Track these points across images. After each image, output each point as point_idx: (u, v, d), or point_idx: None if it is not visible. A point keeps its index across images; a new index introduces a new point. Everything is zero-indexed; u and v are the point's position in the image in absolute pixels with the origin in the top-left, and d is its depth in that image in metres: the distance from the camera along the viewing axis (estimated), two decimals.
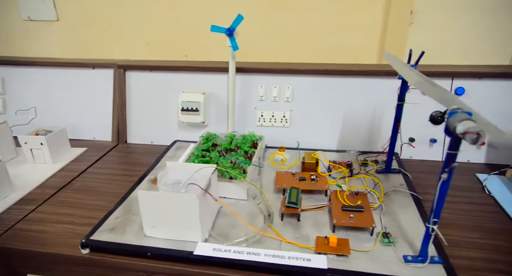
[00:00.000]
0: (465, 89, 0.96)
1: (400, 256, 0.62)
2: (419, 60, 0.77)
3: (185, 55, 1.41)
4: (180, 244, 0.66)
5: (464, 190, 0.86)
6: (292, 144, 1.06)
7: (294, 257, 0.62)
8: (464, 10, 0.98)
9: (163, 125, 1.15)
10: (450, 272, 0.58)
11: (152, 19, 1.31)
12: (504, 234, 0.70)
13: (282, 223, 0.72)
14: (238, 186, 0.79)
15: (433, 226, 0.56)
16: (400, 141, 0.90)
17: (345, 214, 0.71)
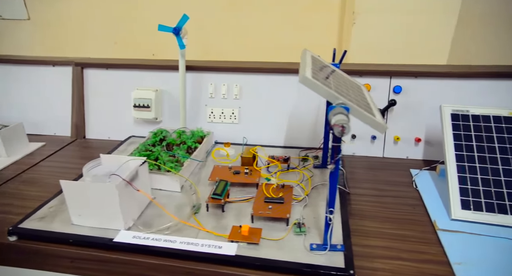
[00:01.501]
0: (402, 87, 1.00)
1: (307, 244, 0.66)
2: (342, 59, 0.81)
3: (153, 54, 1.45)
4: (103, 231, 0.69)
5: (394, 185, 0.90)
6: (241, 140, 1.09)
7: (207, 245, 0.66)
8: (403, 11, 1.01)
9: (119, 121, 1.19)
10: (348, 259, 0.61)
11: (120, 19, 1.34)
12: (415, 225, 0.74)
13: (208, 214, 0.76)
14: (172, 179, 0.83)
15: (330, 215, 0.60)
16: None
17: (265, 205, 0.74)
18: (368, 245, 0.69)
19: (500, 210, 0.72)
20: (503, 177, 0.75)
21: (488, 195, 0.74)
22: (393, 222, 0.75)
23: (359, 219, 0.77)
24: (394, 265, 0.63)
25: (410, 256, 0.65)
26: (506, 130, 0.81)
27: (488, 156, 0.79)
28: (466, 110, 0.85)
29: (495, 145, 0.80)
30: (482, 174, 0.77)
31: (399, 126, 1.02)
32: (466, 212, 0.73)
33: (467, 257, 0.63)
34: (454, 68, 1.01)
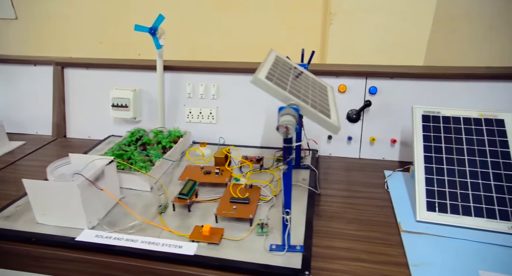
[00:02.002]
0: (377, 88, 0.99)
1: (268, 245, 0.66)
2: (311, 60, 0.81)
3: (138, 54, 1.45)
4: (67, 230, 0.70)
5: (366, 186, 0.90)
6: (221, 140, 1.09)
7: (167, 244, 0.66)
8: (378, 12, 1.01)
9: (99, 120, 1.19)
10: (305, 259, 0.61)
11: (105, 19, 1.35)
12: (381, 227, 0.73)
13: (174, 213, 0.76)
14: (141, 178, 0.83)
15: (286, 216, 0.60)
16: (305, 138, 0.94)
17: (230, 205, 0.74)
18: (330, 246, 0.69)
19: (465, 212, 0.72)
20: (469, 179, 0.75)
21: (453, 197, 0.74)
22: (359, 224, 0.75)
23: (325, 220, 0.77)
24: (352, 266, 0.63)
25: (370, 257, 0.65)
26: (475, 131, 0.81)
27: (456, 158, 0.78)
28: (437, 111, 0.85)
29: (463, 147, 0.79)
30: (449, 176, 0.76)
31: (375, 127, 1.02)
32: (431, 214, 0.73)
33: (427, 259, 0.63)
34: (429, 69, 1.01)
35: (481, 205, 0.72)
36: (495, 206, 0.71)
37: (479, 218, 0.70)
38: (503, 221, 0.69)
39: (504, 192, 0.72)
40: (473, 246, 0.66)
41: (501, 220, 0.69)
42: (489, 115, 0.82)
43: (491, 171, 0.75)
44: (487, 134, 0.80)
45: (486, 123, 0.81)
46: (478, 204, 0.72)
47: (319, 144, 1.05)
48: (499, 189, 0.73)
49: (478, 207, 0.72)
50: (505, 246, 0.66)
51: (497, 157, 0.77)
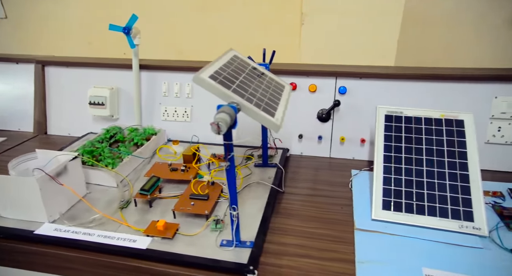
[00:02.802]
0: (347, 88, 1.00)
1: (220, 241, 0.67)
2: (272, 59, 0.82)
3: (124, 53, 1.47)
4: (28, 224, 0.72)
5: (332, 185, 0.90)
6: (194, 138, 1.11)
7: (122, 238, 0.67)
8: (348, 13, 1.02)
9: (79, 118, 1.21)
10: (253, 255, 0.63)
11: (94, 19, 1.37)
12: (337, 225, 0.74)
13: (136, 209, 0.78)
14: (107, 174, 0.85)
15: (234, 212, 0.61)
16: (271, 137, 0.95)
17: (188, 201, 0.76)
18: (283, 242, 0.70)
19: (419, 211, 0.72)
20: (426, 179, 0.76)
21: (409, 196, 0.74)
22: (317, 221, 0.76)
23: (283, 217, 0.78)
24: (300, 262, 0.64)
25: (320, 254, 0.66)
26: (435, 132, 0.81)
27: (415, 158, 0.79)
28: (400, 111, 0.85)
29: (422, 147, 0.80)
30: (406, 175, 0.77)
31: (345, 127, 1.03)
32: (386, 213, 0.74)
33: (374, 256, 0.64)
34: (398, 70, 1.02)
35: (435, 204, 0.72)
36: (448, 205, 0.72)
37: (432, 217, 0.71)
38: (454, 220, 0.70)
39: (458, 192, 0.73)
40: (422, 244, 0.67)
41: (452, 219, 0.70)
42: (450, 115, 0.82)
43: (447, 171, 0.76)
44: (447, 134, 0.80)
45: (446, 124, 0.82)
46: (432, 203, 0.73)
47: (290, 143, 1.06)
48: (453, 188, 0.74)
49: (432, 206, 0.72)
50: (453, 244, 0.66)
51: (454, 157, 0.77)
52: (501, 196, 0.80)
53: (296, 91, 1.04)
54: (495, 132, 0.91)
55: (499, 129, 0.91)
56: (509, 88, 0.91)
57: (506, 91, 0.90)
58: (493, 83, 0.91)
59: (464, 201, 0.72)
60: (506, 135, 0.91)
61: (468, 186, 0.73)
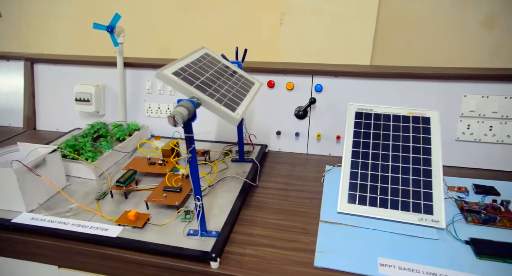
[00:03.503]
0: (323, 86, 1.03)
1: (188, 230, 0.71)
2: (244, 57, 0.85)
3: (115, 51, 1.51)
4: (6, 213, 0.75)
5: (305, 180, 0.93)
6: (176, 134, 1.14)
7: (95, 227, 0.71)
8: (324, 13, 1.04)
9: (67, 114, 1.25)
10: (217, 244, 0.65)
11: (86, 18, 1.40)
12: (304, 217, 0.77)
13: (112, 200, 0.81)
14: (87, 167, 0.88)
15: (198, 203, 0.64)
16: (246, 133, 0.98)
17: (161, 193, 0.79)
18: (250, 233, 0.73)
19: (382, 204, 0.75)
20: (390, 173, 0.78)
21: (373, 190, 0.77)
22: (285, 214, 0.79)
23: (253, 210, 0.81)
24: (262, 251, 0.67)
25: (283, 244, 0.69)
26: (403, 128, 0.84)
27: (381, 153, 0.81)
28: (370, 108, 0.88)
29: (389, 143, 0.82)
30: (372, 170, 0.80)
31: (321, 124, 1.05)
32: (351, 206, 0.76)
33: (334, 247, 0.67)
34: (372, 69, 1.04)
35: (398, 198, 0.75)
36: (410, 199, 0.74)
37: (394, 210, 0.74)
38: (415, 213, 0.72)
39: (420, 186, 0.75)
40: (381, 236, 0.69)
41: (413, 212, 0.72)
42: (417, 113, 0.85)
43: (412, 166, 0.78)
44: (413, 131, 0.83)
45: (413, 121, 0.84)
46: (395, 197, 0.75)
47: (269, 139, 1.09)
48: (416, 183, 0.76)
49: (395, 200, 0.75)
50: (411, 236, 0.69)
51: (419, 153, 0.80)
52: (465, 191, 0.83)
53: (274, 89, 1.06)
54: (465, 129, 0.94)
55: (468, 127, 0.94)
56: (477, 87, 0.93)
57: (474, 90, 0.93)
58: (462, 82, 0.93)
59: (426, 195, 0.74)
60: (474, 133, 0.93)
61: (430, 181, 0.76)
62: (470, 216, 0.73)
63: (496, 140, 0.93)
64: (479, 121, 0.93)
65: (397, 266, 0.62)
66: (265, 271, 0.62)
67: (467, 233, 0.69)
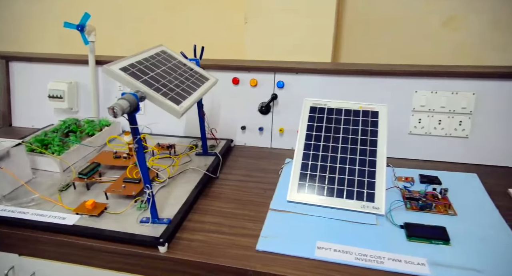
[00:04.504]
0: (284, 83, 1.07)
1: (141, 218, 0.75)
2: (202, 54, 0.89)
3: None
4: None
5: (264, 172, 0.97)
6: (147, 130, 1.18)
7: (53, 216, 0.74)
8: (289, 13, 1.08)
9: (42, 110, 1.28)
10: (167, 230, 0.69)
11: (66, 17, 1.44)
12: (256, 206, 0.81)
13: (74, 191, 0.85)
14: (53, 161, 0.92)
15: (148, 191, 0.68)
16: (208, 127, 1.02)
17: (120, 184, 0.83)
18: (202, 221, 0.77)
19: (328, 193, 0.79)
20: (339, 164, 0.82)
21: (322, 180, 0.81)
22: (239, 203, 0.83)
23: (210, 199, 0.85)
24: (210, 237, 0.71)
25: (231, 230, 0.73)
26: (353, 122, 0.88)
27: (331, 145, 0.85)
28: (324, 103, 0.92)
29: (339, 136, 0.86)
30: (322, 161, 0.84)
31: (283, 119, 1.09)
32: (300, 195, 0.80)
33: (277, 232, 0.71)
34: (332, 66, 1.09)
35: (343, 187, 0.79)
36: (355, 188, 0.78)
37: (339, 199, 0.77)
38: (358, 201, 0.76)
39: (365, 176, 0.79)
40: (323, 222, 0.74)
41: (357, 200, 0.76)
42: (367, 107, 0.89)
43: (358, 157, 0.82)
44: (362, 124, 0.87)
45: (363, 115, 0.88)
46: (341, 186, 0.79)
47: (235, 134, 1.13)
48: (361, 173, 0.80)
49: (340, 189, 0.79)
50: (351, 221, 0.74)
51: (365, 145, 0.84)
52: (411, 181, 0.87)
53: (238, 85, 1.10)
54: (416, 123, 0.98)
55: (419, 121, 0.98)
56: (427, 83, 0.97)
57: (424, 85, 0.97)
58: (413, 78, 0.98)
59: (369, 184, 0.78)
60: (425, 126, 0.98)
61: (374, 170, 0.80)
62: (409, 203, 0.77)
63: (445, 133, 0.97)
64: (429, 115, 0.97)
65: (333, 249, 0.66)
66: (210, 254, 0.66)
67: (404, 219, 0.73)
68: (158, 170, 0.91)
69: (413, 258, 0.63)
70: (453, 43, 1.25)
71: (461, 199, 0.80)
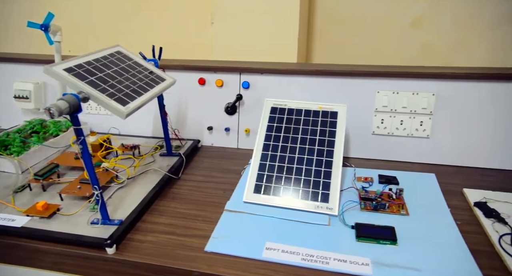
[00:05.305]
0: (249, 83, 1.07)
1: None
2: (161, 55, 0.89)
3: (69, 51, 1.53)
4: None
5: (227, 172, 0.97)
6: (115, 130, 1.18)
7: (2, 218, 0.73)
8: (255, 14, 1.09)
9: (9, 111, 1.26)
10: (117, 231, 0.68)
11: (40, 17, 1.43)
12: (212, 207, 0.80)
13: (30, 192, 0.84)
14: (10, 162, 0.91)
15: (96, 192, 0.67)
16: (171, 127, 1.01)
17: (76, 185, 0.82)
18: (156, 222, 0.76)
19: (284, 194, 0.79)
20: (296, 165, 0.82)
21: (278, 181, 0.81)
22: (196, 204, 0.83)
23: (169, 200, 0.85)
24: (161, 238, 0.71)
25: (183, 231, 0.73)
26: (312, 122, 0.88)
27: (290, 146, 0.86)
28: (285, 104, 0.92)
29: (298, 136, 0.87)
30: (279, 162, 0.84)
31: (249, 119, 1.09)
32: (256, 195, 0.80)
33: (228, 233, 0.71)
34: (296, 66, 1.09)
35: (299, 187, 0.79)
36: (310, 188, 0.79)
37: (295, 199, 0.78)
38: (313, 201, 0.77)
39: (321, 177, 0.80)
40: (276, 222, 0.73)
41: (311, 201, 0.77)
42: (327, 108, 0.89)
43: (315, 158, 0.83)
44: (321, 125, 0.87)
45: (322, 115, 0.89)
46: (297, 187, 0.79)
47: (202, 135, 1.13)
48: (317, 173, 0.80)
49: (296, 190, 0.79)
50: (304, 222, 0.73)
51: (323, 145, 0.84)
52: (370, 181, 0.88)
53: (205, 86, 1.10)
54: (379, 124, 0.99)
55: (382, 121, 0.99)
56: (389, 84, 0.98)
57: (386, 86, 0.98)
58: (375, 78, 0.98)
59: (324, 184, 0.79)
60: (388, 127, 0.98)
61: (330, 171, 0.80)
62: (364, 204, 0.78)
63: (407, 133, 0.98)
64: (391, 115, 0.98)
65: (281, 250, 0.66)
66: (158, 256, 0.66)
67: (357, 219, 0.73)
68: (118, 171, 0.90)
69: (358, 258, 0.63)
70: (420, 44, 1.26)
71: (415, 199, 0.81)
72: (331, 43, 1.22)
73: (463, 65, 1.23)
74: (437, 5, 1.22)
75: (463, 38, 1.25)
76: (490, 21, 1.26)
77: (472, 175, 0.93)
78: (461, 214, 0.76)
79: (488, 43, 1.28)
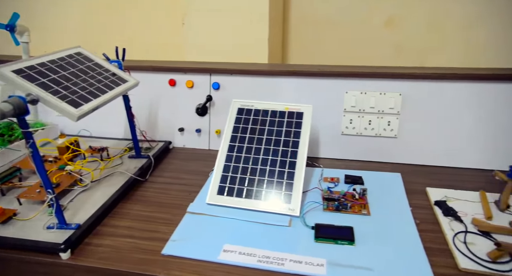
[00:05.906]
0: (220, 84, 1.06)
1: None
2: (124, 56, 0.88)
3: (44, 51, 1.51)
4: None
5: (195, 174, 0.96)
6: (86, 132, 1.16)
7: None
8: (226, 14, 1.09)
9: None
10: (74, 235, 0.67)
11: None
12: (175, 209, 0.79)
13: None
14: None
15: (50, 196, 0.66)
16: (138, 129, 1.00)
17: (36, 189, 0.80)
18: (117, 225, 0.75)
19: (247, 195, 0.78)
20: (260, 166, 0.82)
21: (242, 182, 0.81)
22: (159, 206, 0.82)
23: (132, 203, 0.83)
24: (119, 241, 0.70)
25: (142, 234, 0.72)
26: (278, 123, 0.88)
27: (255, 147, 0.85)
28: (251, 105, 0.92)
29: (263, 137, 0.86)
30: (244, 163, 0.83)
31: (220, 120, 1.09)
32: (220, 197, 0.80)
33: (187, 235, 0.70)
34: (267, 67, 1.09)
35: (262, 189, 0.79)
36: (273, 189, 0.78)
37: (257, 201, 0.77)
38: (275, 202, 0.76)
39: (284, 178, 0.79)
40: (236, 224, 0.73)
41: (274, 202, 0.76)
42: (293, 108, 0.89)
43: (279, 158, 0.82)
44: (287, 125, 0.87)
45: (289, 116, 0.88)
46: (260, 188, 0.79)
47: (173, 136, 1.12)
48: (280, 174, 0.80)
49: (259, 191, 0.79)
50: (264, 223, 0.72)
51: (288, 146, 0.84)
52: (336, 182, 0.88)
53: (175, 87, 1.09)
54: (348, 124, 0.99)
55: (350, 121, 0.99)
56: (357, 84, 0.98)
57: (354, 86, 0.98)
58: (344, 79, 0.98)
59: (287, 185, 0.78)
60: (356, 127, 0.98)
61: (293, 172, 0.80)
62: (326, 204, 0.78)
63: (375, 133, 0.98)
64: (360, 115, 0.98)
65: (238, 252, 0.65)
66: (113, 260, 0.65)
67: (319, 220, 0.73)
68: (82, 174, 0.89)
69: (314, 259, 0.63)
70: (394, 44, 1.27)
71: (378, 199, 0.81)
72: (307, 43, 1.22)
73: (435, 65, 1.24)
74: (411, 5, 1.23)
75: (436, 39, 1.26)
76: (463, 22, 1.28)
77: (437, 174, 0.93)
78: (422, 212, 0.76)
79: (460, 43, 1.29)
